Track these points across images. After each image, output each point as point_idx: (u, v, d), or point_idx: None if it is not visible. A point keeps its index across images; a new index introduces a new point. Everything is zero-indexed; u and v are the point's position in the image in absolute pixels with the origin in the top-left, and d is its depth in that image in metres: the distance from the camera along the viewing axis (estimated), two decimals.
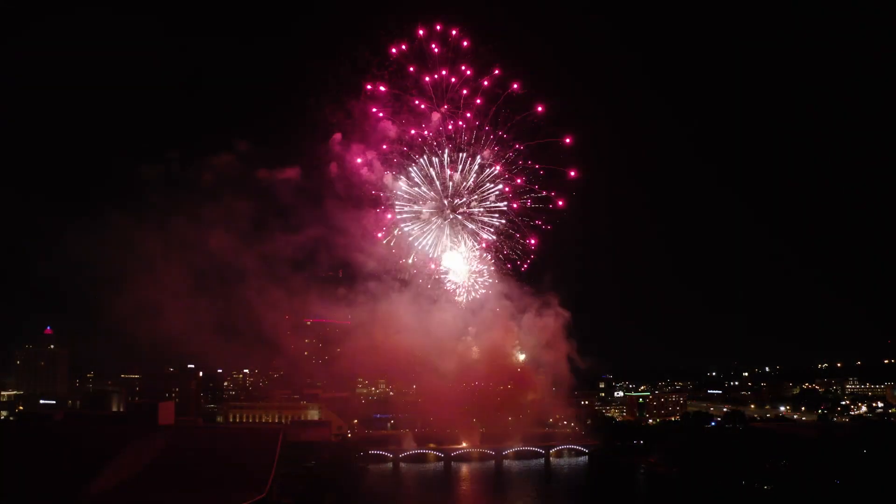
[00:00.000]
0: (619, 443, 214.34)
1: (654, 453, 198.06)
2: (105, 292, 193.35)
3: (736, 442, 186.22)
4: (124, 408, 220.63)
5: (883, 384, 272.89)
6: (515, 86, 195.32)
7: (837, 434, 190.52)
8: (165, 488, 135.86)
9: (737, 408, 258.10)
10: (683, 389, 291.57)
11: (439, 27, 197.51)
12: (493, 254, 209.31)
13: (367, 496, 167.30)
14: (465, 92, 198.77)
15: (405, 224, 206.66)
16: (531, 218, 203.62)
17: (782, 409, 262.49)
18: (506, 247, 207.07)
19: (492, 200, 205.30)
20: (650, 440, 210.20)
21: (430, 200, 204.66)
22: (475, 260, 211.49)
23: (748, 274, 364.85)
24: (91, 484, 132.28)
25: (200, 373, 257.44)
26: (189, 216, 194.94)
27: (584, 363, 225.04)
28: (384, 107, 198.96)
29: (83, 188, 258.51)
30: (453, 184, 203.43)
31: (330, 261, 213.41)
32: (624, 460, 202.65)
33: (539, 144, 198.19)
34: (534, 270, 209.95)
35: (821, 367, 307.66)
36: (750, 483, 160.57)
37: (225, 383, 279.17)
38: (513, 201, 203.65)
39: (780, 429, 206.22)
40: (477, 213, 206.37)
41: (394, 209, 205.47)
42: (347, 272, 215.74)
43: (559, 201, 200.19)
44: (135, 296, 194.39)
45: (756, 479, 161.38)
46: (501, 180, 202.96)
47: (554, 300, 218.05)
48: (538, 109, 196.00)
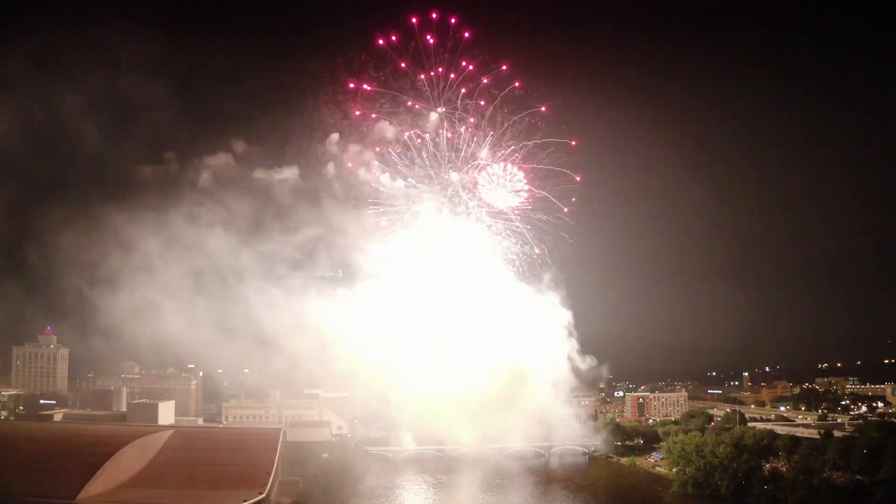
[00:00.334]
0: (619, 442, 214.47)
1: (654, 453, 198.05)
2: (104, 292, 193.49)
3: (736, 442, 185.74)
4: (124, 408, 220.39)
5: (883, 384, 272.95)
6: (517, 84, 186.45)
7: (837, 434, 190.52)
8: (165, 488, 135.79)
9: (737, 408, 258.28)
10: (683, 389, 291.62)
11: (435, 15, 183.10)
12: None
13: (367, 496, 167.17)
14: (464, 90, 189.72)
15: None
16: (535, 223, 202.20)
17: (782, 409, 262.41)
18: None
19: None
20: (650, 440, 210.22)
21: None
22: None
23: (749, 274, 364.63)
24: (91, 484, 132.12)
25: (200, 373, 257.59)
26: (187, 216, 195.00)
27: (585, 363, 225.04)
28: (371, 107, 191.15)
29: (81, 188, 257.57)
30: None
31: (329, 260, 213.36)
32: (624, 460, 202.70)
33: (542, 145, 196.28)
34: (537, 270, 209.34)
35: (821, 367, 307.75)
36: (750, 483, 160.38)
37: (225, 383, 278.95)
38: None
39: (780, 429, 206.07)
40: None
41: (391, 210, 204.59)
42: (346, 272, 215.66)
43: (564, 208, 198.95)
44: (134, 296, 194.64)
45: (756, 479, 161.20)
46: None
47: (554, 299, 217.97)
48: (542, 109, 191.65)
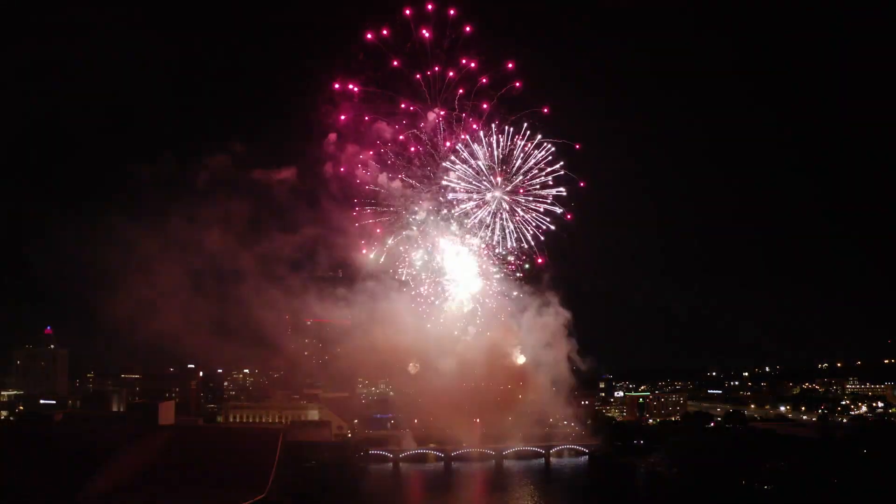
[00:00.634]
0: (620, 443, 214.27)
1: (654, 453, 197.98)
2: (104, 292, 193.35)
3: (736, 442, 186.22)
4: (124, 408, 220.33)
5: (883, 384, 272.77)
6: (518, 84, 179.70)
7: (837, 434, 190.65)
8: (165, 488, 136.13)
9: (737, 408, 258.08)
10: (683, 389, 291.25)
11: (430, 6, 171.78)
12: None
13: (367, 496, 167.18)
14: (462, 91, 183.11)
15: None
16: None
17: (782, 409, 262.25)
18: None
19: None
20: (650, 440, 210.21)
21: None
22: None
23: (748, 274, 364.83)
24: (91, 484, 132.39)
25: (200, 373, 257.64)
26: (186, 216, 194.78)
27: (585, 363, 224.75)
28: (362, 109, 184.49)
29: (80, 189, 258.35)
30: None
31: (329, 260, 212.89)
32: (624, 460, 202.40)
33: (543, 147, 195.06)
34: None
35: (821, 367, 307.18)
36: (750, 483, 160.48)
37: (225, 383, 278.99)
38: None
39: (780, 429, 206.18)
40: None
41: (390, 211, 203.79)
42: (346, 272, 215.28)
43: (567, 215, 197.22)
44: (134, 296, 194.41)
45: (756, 479, 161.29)
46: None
47: (554, 299, 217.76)
48: (544, 111, 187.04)
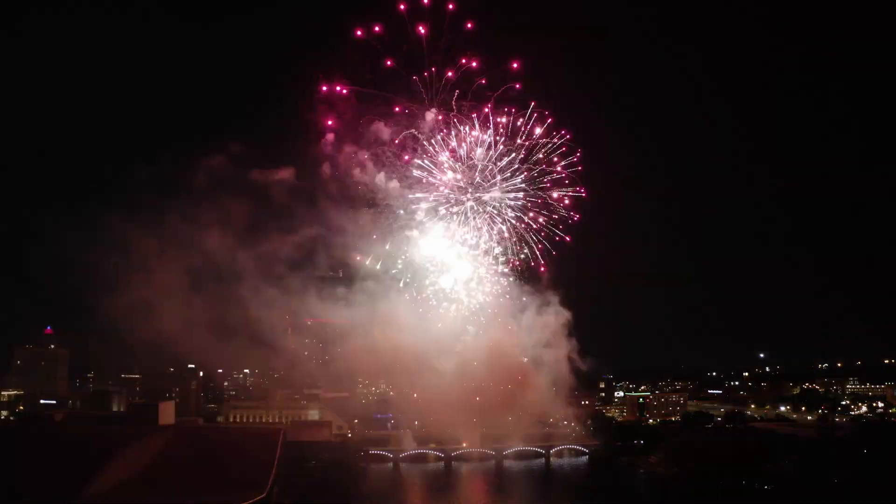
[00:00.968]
0: (620, 443, 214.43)
1: (654, 453, 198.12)
2: (104, 292, 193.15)
3: (736, 442, 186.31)
4: (124, 408, 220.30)
5: (883, 384, 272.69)
6: (518, 85, 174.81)
7: (837, 434, 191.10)
8: (165, 488, 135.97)
9: (737, 408, 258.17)
10: (683, 389, 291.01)
11: (427, 0, 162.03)
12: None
13: (367, 496, 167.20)
14: (458, 91, 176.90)
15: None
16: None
17: (782, 409, 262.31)
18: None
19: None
20: (650, 440, 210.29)
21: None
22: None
23: (748, 274, 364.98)
24: (91, 484, 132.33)
25: (200, 373, 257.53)
26: (185, 217, 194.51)
27: (585, 363, 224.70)
28: (354, 112, 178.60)
29: (80, 189, 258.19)
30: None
31: (328, 261, 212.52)
32: (624, 460, 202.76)
33: (543, 149, 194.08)
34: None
35: (821, 367, 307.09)
36: (750, 483, 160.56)
37: (225, 383, 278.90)
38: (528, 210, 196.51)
39: (780, 429, 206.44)
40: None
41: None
42: (346, 272, 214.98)
43: (572, 216, 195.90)
44: (134, 296, 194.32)
45: (756, 479, 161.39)
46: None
47: (554, 299, 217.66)
48: (546, 113, 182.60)
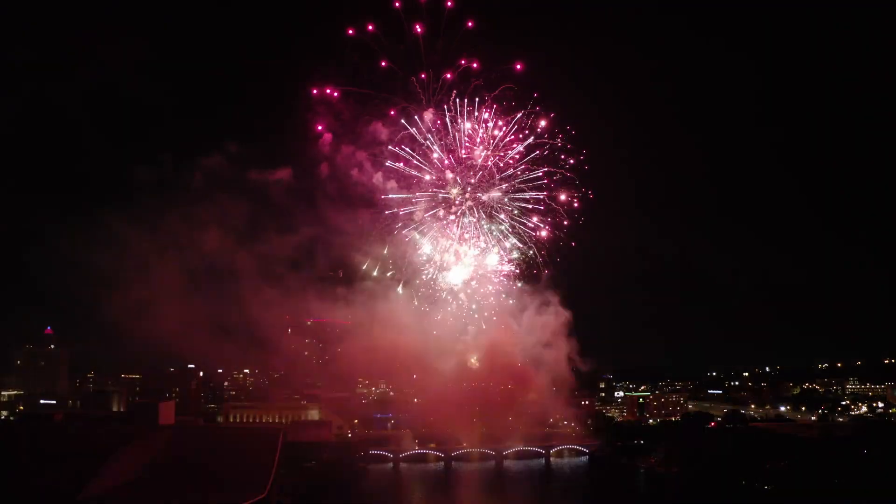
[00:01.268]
0: (620, 443, 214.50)
1: (654, 453, 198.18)
2: (104, 293, 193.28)
3: (736, 442, 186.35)
4: (124, 408, 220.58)
5: (883, 384, 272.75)
6: (515, 88, 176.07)
7: (837, 434, 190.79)
8: (165, 488, 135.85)
9: (737, 408, 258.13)
10: (683, 389, 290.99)
11: None
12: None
13: (367, 496, 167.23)
14: (455, 92, 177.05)
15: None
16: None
17: (782, 409, 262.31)
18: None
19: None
20: (650, 440, 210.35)
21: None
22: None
23: (748, 273, 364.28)
24: (91, 484, 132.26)
25: (200, 373, 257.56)
26: (184, 217, 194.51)
27: (585, 363, 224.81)
28: (352, 109, 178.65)
29: (80, 190, 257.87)
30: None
31: (328, 261, 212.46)
32: (624, 460, 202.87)
33: (541, 149, 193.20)
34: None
35: (821, 367, 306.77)
36: (750, 483, 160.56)
37: (225, 383, 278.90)
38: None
39: (780, 429, 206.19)
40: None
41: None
42: (346, 272, 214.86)
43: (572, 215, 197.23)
44: (134, 296, 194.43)
45: (756, 479, 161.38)
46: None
47: (554, 299, 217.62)
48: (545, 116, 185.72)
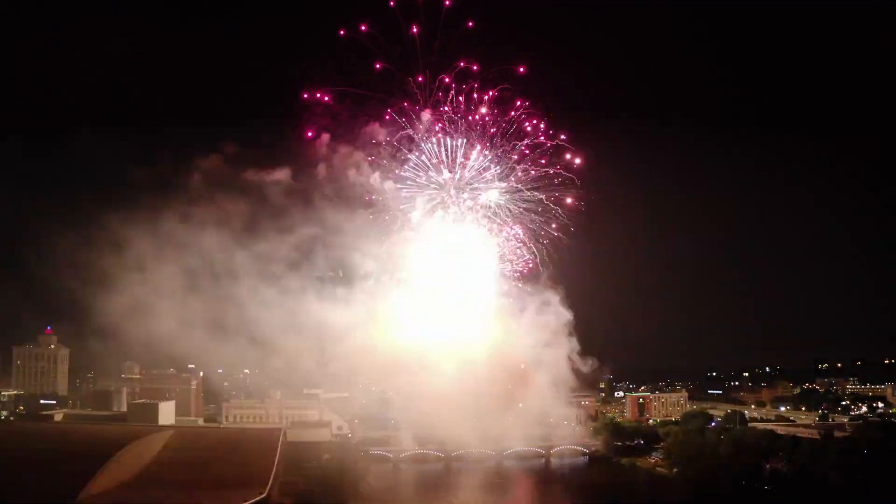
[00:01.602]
0: (620, 443, 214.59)
1: (654, 453, 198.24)
2: (103, 292, 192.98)
3: (736, 442, 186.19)
4: (124, 408, 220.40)
5: (883, 384, 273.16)
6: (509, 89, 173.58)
7: (837, 434, 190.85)
8: (165, 488, 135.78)
9: (737, 408, 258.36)
10: (683, 389, 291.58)
11: None
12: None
13: (367, 496, 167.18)
14: (452, 92, 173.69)
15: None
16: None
17: (782, 409, 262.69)
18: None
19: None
20: (650, 440, 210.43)
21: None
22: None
23: (748, 273, 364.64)
24: (91, 484, 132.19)
25: (201, 373, 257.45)
26: (183, 217, 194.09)
27: (585, 363, 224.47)
28: (349, 110, 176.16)
29: (79, 190, 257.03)
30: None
31: (327, 261, 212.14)
32: (624, 460, 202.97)
33: (541, 148, 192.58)
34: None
35: (821, 368, 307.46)
36: (750, 483, 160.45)
37: (225, 383, 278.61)
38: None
39: (780, 429, 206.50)
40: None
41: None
42: (345, 272, 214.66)
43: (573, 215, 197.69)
44: (133, 296, 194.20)
45: (756, 479, 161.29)
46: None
47: (554, 299, 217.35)
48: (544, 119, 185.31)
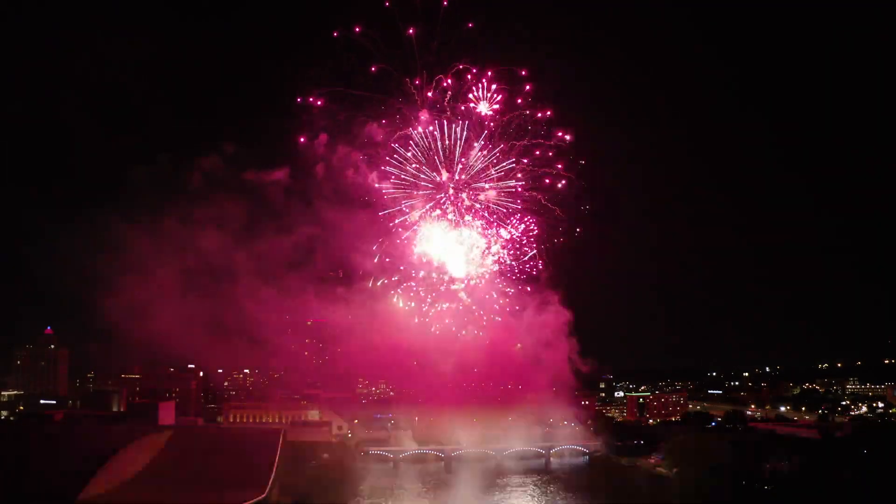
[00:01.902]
0: (620, 443, 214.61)
1: (654, 453, 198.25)
2: (103, 292, 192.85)
3: (736, 442, 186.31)
4: (124, 408, 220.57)
5: (883, 384, 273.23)
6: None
7: (837, 434, 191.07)
8: (165, 488, 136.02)
9: (737, 408, 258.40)
10: (683, 389, 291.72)
11: None
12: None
13: (367, 497, 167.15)
14: (450, 92, 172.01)
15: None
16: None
17: (782, 409, 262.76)
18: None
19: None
20: (650, 440, 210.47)
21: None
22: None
23: (748, 274, 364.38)
24: (91, 484, 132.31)
25: (200, 373, 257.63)
26: (183, 217, 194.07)
27: (585, 363, 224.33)
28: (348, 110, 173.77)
29: (79, 190, 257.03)
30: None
31: (327, 261, 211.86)
32: (624, 460, 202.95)
33: (540, 148, 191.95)
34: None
35: (821, 367, 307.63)
36: (750, 483, 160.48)
37: (225, 383, 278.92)
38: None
39: (780, 429, 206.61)
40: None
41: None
42: (346, 272, 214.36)
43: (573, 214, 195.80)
44: (133, 296, 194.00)
45: (756, 480, 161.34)
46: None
47: (554, 299, 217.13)
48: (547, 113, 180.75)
